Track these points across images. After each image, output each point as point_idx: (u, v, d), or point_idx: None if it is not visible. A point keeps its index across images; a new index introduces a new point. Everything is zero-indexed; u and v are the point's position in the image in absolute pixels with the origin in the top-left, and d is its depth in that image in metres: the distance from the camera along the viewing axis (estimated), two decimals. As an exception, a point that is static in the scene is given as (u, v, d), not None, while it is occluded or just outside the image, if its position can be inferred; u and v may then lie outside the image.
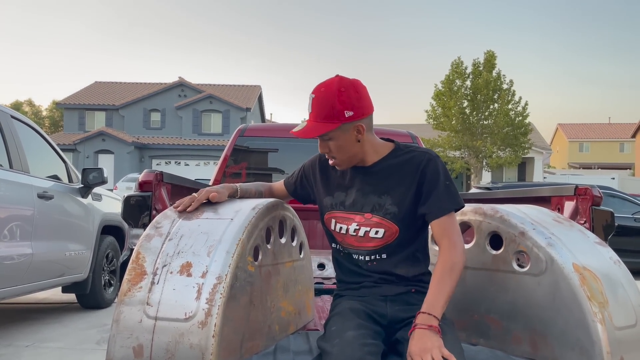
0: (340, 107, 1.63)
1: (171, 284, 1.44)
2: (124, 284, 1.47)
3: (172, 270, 1.45)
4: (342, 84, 1.66)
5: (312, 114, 1.67)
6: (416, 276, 1.71)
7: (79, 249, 4.67)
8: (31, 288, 4.11)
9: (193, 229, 1.55)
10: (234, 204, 1.71)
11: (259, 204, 1.66)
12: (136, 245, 1.52)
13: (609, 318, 1.53)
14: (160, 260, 1.47)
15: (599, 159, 46.06)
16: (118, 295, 1.48)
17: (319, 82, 1.71)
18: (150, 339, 1.42)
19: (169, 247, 1.50)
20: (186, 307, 1.42)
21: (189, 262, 1.45)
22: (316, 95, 1.66)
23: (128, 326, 1.44)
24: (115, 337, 1.44)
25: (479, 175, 25.76)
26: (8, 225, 3.71)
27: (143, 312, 1.44)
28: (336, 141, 1.67)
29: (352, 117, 1.64)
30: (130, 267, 1.48)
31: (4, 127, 3.97)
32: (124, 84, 35.83)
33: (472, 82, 24.74)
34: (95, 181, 4.82)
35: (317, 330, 2.07)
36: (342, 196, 1.77)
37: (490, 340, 1.84)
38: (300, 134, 1.68)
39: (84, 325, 4.56)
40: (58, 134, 32.87)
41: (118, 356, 1.43)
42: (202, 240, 1.50)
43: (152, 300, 1.44)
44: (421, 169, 1.67)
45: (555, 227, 1.75)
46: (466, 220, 1.95)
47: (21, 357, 3.64)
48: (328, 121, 1.64)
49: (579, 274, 1.57)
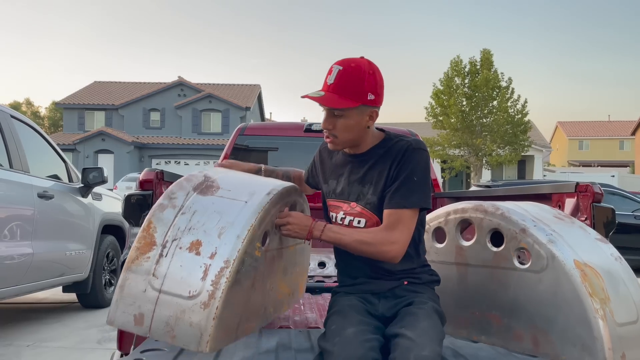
0: (367, 88, 1.62)
1: (179, 260, 1.45)
2: (132, 252, 1.48)
3: (181, 245, 1.46)
4: (371, 66, 1.65)
5: (334, 85, 1.63)
6: (406, 270, 1.70)
7: (79, 249, 4.67)
8: (32, 288, 4.11)
9: (207, 206, 1.53)
10: (251, 183, 1.68)
11: (274, 188, 1.64)
12: (148, 214, 1.52)
13: (610, 314, 1.53)
14: (171, 233, 1.48)
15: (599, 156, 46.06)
16: (125, 262, 1.49)
17: (345, 58, 1.68)
18: (152, 310, 1.45)
19: (181, 221, 1.50)
20: (191, 286, 1.43)
21: (199, 241, 1.46)
22: (344, 68, 1.63)
23: (132, 294, 1.47)
24: (118, 302, 1.48)
25: (479, 173, 25.76)
26: (8, 225, 3.71)
27: (148, 283, 1.46)
28: (348, 120, 1.65)
29: (372, 101, 1.64)
30: (140, 236, 1.49)
31: (4, 127, 3.96)
32: (124, 83, 35.80)
33: (470, 80, 24.73)
34: (96, 181, 4.82)
35: (319, 328, 2.08)
36: (334, 184, 1.79)
37: (492, 337, 1.84)
38: (321, 100, 1.64)
39: (85, 324, 4.56)
40: (58, 134, 32.85)
41: (119, 321, 1.48)
42: (215, 219, 1.50)
43: (159, 272, 1.46)
44: (400, 156, 1.65)
45: (556, 223, 1.75)
46: (467, 218, 1.95)
47: (22, 356, 3.64)
48: (350, 98, 1.62)
49: (580, 270, 1.57)
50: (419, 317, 1.53)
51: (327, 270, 3.28)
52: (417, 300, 1.63)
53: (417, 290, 1.67)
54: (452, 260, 1.99)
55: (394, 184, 1.63)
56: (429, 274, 1.75)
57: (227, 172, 1.77)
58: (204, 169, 1.76)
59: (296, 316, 2.33)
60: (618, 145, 48.38)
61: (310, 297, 2.75)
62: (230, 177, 1.71)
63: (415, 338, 1.42)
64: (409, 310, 1.59)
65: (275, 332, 1.99)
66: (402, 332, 1.47)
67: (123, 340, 2.21)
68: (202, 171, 1.71)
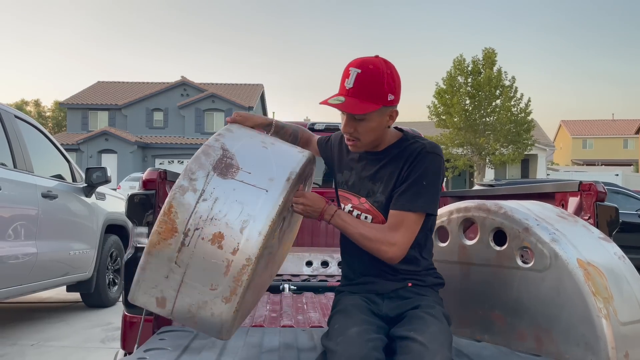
0: (386, 89, 1.59)
1: (201, 251, 1.46)
2: (154, 235, 1.48)
3: (203, 236, 1.46)
4: (388, 65, 1.62)
5: (354, 89, 1.60)
6: (411, 271, 1.69)
7: (83, 248, 4.68)
8: (36, 287, 4.13)
9: (228, 194, 1.50)
10: (270, 161, 1.62)
11: (292, 171, 1.59)
12: (169, 195, 1.49)
13: (613, 313, 1.52)
14: (193, 221, 1.47)
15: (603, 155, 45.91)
16: (147, 244, 1.48)
17: (358, 58, 1.64)
18: (175, 296, 1.50)
19: (203, 208, 1.48)
20: (213, 279, 1.46)
21: (221, 234, 1.46)
22: (363, 71, 1.59)
23: (154, 278, 1.50)
24: (140, 282, 1.51)
25: (482, 172, 25.72)
26: (13, 225, 3.72)
27: (170, 269, 1.48)
28: (370, 123, 1.63)
29: (392, 101, 1.62)
30: (162, 219, 1.47)
31: (8, 127, 3.98)
32: (127, 83, 35.87)
33: (473, 79, 24.69)
34: (99, 180, 4.83)
35: (321, 327, 2.08)
36: (347, 175, 1.78)
37: (495, 336, 1.84)
38: (343, 107, 1.61)
39: (89, 324, 4.58)
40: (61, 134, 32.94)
41: (141, 300, 1.53)
42: (237, 211, 1.48)
43: (181, 261, 1.47)
44: (412, 157, 1.64)
45: (560, 222, 1.75)
46: (470, 217, 1.95)
47: (26, 356, 3.66)
48: (371, 101, 1.59)
49: (583, 269, 1.57)
50: (427, 321, 1.52)
51: (330, 270, 3.28)
52: (424, 304, 1.61)
53: (421, 292, 1.66)
54: (455, 259, 1.99)
55: (402, 185, 1.63)
56: (433, 277, 1.73)
57: (242, 137, 1.70)
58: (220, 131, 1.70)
59: (299, 315, 2.33)
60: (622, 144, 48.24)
61: (313, 297, 2.75)
62: (248, 149, 1.65)
63: (426, 343, 1.41)
64: (417, 313, 1.57)
65: (278, 331, 2.00)
66: (412, 335, 1.46)
67: (127, 339, 2.22)
68: (219, 138, 1.65)
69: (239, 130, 1.75)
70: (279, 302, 2.60)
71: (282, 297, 2.72)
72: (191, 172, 1.54)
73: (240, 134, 1.72)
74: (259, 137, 1.74)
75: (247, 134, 1.74)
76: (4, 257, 3.60)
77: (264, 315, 2.31)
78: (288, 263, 3.32)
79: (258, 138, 1.73)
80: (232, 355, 1.63)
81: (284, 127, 1.92)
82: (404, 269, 1.67)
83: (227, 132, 1.70)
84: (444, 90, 24.91)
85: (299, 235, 3.96)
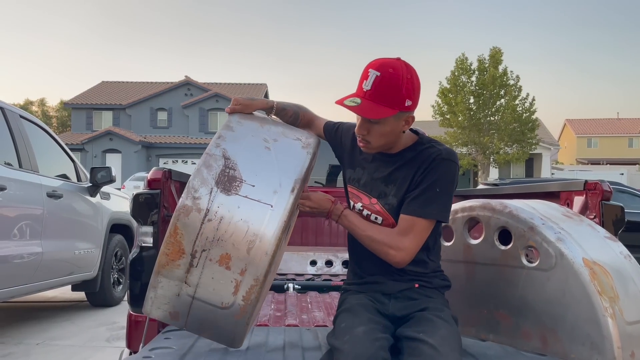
0: (405, 95, 1.56)
1: (210, 272, 1.48)
2: (162, 257, 1.48)
3: (211, 257, 1.47)
4: (409, 70, 1.58)
5: (371, 92, 1.56)
6: (418, 273, 1.68)
7: (88, 248, 4.70)
8: (41, 286, 4.14)
9: (233, 212, 1.49)
10: (273, 167, 1.58)
11: (297, 178, 1.57)
12: (173, 216, 1.48)
13: (619, 313, 1.52)
14: (199, 242, 1.47)
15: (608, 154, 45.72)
16: (156, 264, 1.50)
17: (378, 59, 1.60)
18: (187, 311, 1.54)
19: (208, 229, 1.47)
20: (223, 298, 1.49)
21: (229, 255, 1.46)
22: (382, 74, 1.55)
23: (166, 295, 1.53)
24: (153, 300, 1.54)
25: (486, 171, 25.66)
26: (18, 224, 3.74)
27: (181, 289, 1.51)
28: (384, 127, 1.59)
29: (410, 107, 1.58)
30: (168, 241, 1.48)
31: (13, 127, 3.99)
32: (131, 83, 35.95)
33: (477, 78, 24.63)
34: (104, 180, 4.84)
35: (326, 327, 2.08)
36: (359, 173, 1.76)
37: (500, 335, 1.83)
38: (358, 111, 1.57)
39: (94, 323, 4.59)
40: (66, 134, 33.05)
41: (155, 314, 1.57)
42: (243, 230, 1.47)
43: (191, 281, 1.49)
44: (427, 163, 1.62)
45: (565, 222, 1.74)
46: (475, 216, 1.94)
47: (31, 355, 3.67)
48: (388, 105, 1.56)
49: (589, 268, 1.56)
50: (437, 323, 1.51)
51: (334, 269, 3.28)
52: (432, 306, 1.61)
53: (428, 294, 1.65)
54: (460, 258, 1.99)
55: (415, 190, 1.62)
56: (440, 279, 1.72)
57: (244, 136, 1.66)
58: (221, 131, 1.66)
59: (304, 314, 2.34)
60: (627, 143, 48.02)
61: (317, 296, 2.75)
62: (250, 153, 1.61)
63: (437, 346, 1.40)
64: (425, 315, 1.57)
65: (282, 330, 2.00)
66: (422, 337, 1.45)
67: (132, 338, 2.23)
68: (219, 142, 1.61)
69: (240, 127, 1.71)
70: (283, 301, 2.60)
71: (286, 296, 2.72)
72: (194, 189, 1.52)
73: (242, 132, 1.69)
74: (261, 134, 1.70)
75: (248, 131, 1.70)
76: (9, 256, 3.61)
77: (269, 315, 2.31)
78: (292, 262, 3.32)
79: (260, 135, 1.69)
80: (237, 354, 1.64)
81: (285, 109, 1.87)
82: (411, 270, 1.67)
83: (227, 132, 1.67)
84: (448, 90, 24.86)
85: (304, 234, 3.99)
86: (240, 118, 1.76)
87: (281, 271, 3.25)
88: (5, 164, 3.76)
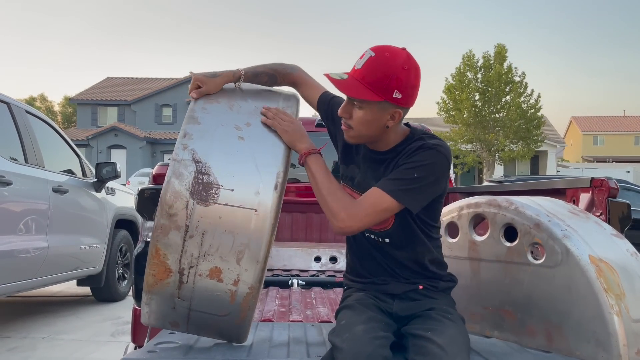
0: (394, 84, 1.45)
1: (202, 286, 1.43)
2: (149, 277, 1.43)
3: (200, 272, 1.41)
4: (409, 62, 1.47)
5: (361, 71, 1.47)
6: (424, 275, 1.65)
7: (93, 243, 4.72)
8: (46, 281, 4.17)
9: (215, 225, 1.39)
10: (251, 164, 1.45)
11: (279, 172, 1.45)
12: (152, 237, 1.41)
13: (625, 310, 1.51)
14: (185, 260, 1.40)
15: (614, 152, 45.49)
16: (144, 285, 1.45)
17: (384, 44, 1.50)
18: (186, 321, 1.52)
19: (192, 246, 1.39)
20: (221, 308, 1.47)
21: (218, 268, 1.40)
22: (377, 56, 1.46)
23: (161, 310, 1.50)
24: (150, 314, 1.51)
25: (491, 168, 25.60)
26: (24, 219, 3.75)
27: (175, 303, 1.47)
28: (366, 113, 1.49)
29: (398, 100, 1.47)
30: (152, 262, 1.42)
31: (19, 122, 4.01)
32: (136, 79, 36.04)
33: (483, 75, 24.56)
34: (109, 175, 4.86)
35: (330, 322, 2.08)
36: (353, 171, 1.68)
37: (505, 332, 1.83)
38: (339, 85, 1.48)
39: (99, 317, 4.62)
40: (71, 130, 33.17)
41: (155, 324, 1.56)
42: (229, 242, 1.39)
43: (184, 295, 1.45)
44: (410, 151, 1.52)
45: (571, 218, 1.73)
46: (480, 212, 1.94)
47: (37, 349, 3.70)
48: (374, 89, 1.45)
49: (595, 265, 1.55)
50: (445, 323, 1.49)
51: (339, 265, 3.28)
52: (438, 307, 1.58)
53: (432, 296, 1.63)
54: (465, 255, 1.98)
55: (392, 169, 1.53)
56: (445, 280, 1.69)
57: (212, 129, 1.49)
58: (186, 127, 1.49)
59: (308, 310, 2.34)
60: (633, 141, 47.76)
61: (321, 292, 2.75)
62: (223, 149, 1.46)
63: (445, 347, 1.38)
64: (432, 314, 1.54)
65: (287, 325, 2.00)
66: (430, 336, 1.43)
67: (137, 333, 2.24)
68: (187, 143, 1.45)
69: (206, 116, 1.53)
70: (287, 297, 2.61)
71: (290, 292, 2.72)
72: (168, 206, 1.39)
73: (209, 122, 1.51)
74: (231, 119, 1.53)
75: (216, 119, 1.52)
76: (15, 251, 3.63)
77: (273, 310, 2.31)
78: (297, 258, 3.32)
79: (230, 122, 1.52)
80: (242, 349, 1.64)
81: (258, 75, 1.70)
82: (415, 272, 1.64)
83: (193, 126, 1.49)
84: (453, 86, 24.80)
85: (308, 230, 3.98)
86: (206, 103, 1.57)
87: (285, 267, 3.25)
88: (11, 159, 3.78)
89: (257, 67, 1.72)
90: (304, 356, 1.59)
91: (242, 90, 1.66)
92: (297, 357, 1.58)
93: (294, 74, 1.77)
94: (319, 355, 1.55)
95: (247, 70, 1.69)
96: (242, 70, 1.68)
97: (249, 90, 1.68)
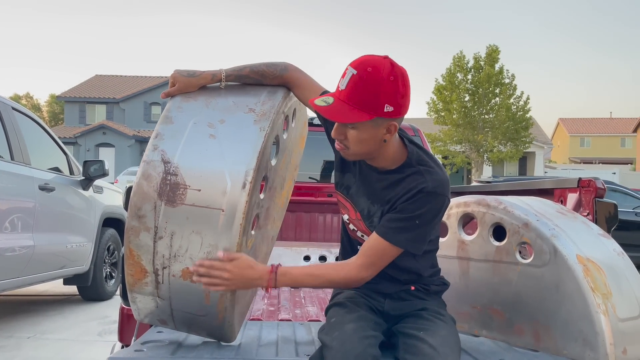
0: (383, 99, 1.37)
1: (177, 286, 1.46)
2: (128, 277, 1.47)
3: (174, 273, 1.43)
4: (393, 71, 1.38)
5: (346, 92, 1.39)
6: (415, 279, 1.64)
7: (80, 241, 4.67)
8: (32, 280, 4.12)
9: (183, 225, 1.38)
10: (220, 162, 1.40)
11: (248, 169, 1.39)
12: (124, 238, 1.44)
13: (612, 309, 1.52)
14: (158, 261, 1.42)
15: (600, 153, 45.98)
16: (127, 283, 1.49)
17: (362, 56, 1.42)
18: (172, 318, 1.55)
19: (162, 247, 1.41)
20: (198, 308, 1.48)
21: (189, 269, 1.42)
22: (359, 74, 1.37)
23: (146, 308, 1.53)
24: (139, 311, 1.55)
25: (480, 169, 25.77)
26: (9, 217, 3.71)
27: (156, 302, 1.50)
28: (360, 133, 1.42)
29: (390, 113, 1.39)
30: (129, 262, 1.45)
31: (5, 119, 3.96)
32: (125, 77, 35.78)
33: (473, 76, 24.70)
34: (97, 174, 4.82)
35: (319, 321, 2.07)
36: (349, 180, 1.64)
37: (493, 331, 1.84)
38: (326, 114, 1.41)
39: (85, 317, 4.57)
40: (59, 127, 32.87)
41: (146, 321, 1.60)
42: (197, 243, 1.38)
43: (162, 294, 1.48)
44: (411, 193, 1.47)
45: (559, 218, 1.74)
46: (469, 212, 1.94)
47: (22, 348, 3.65)
48: (362, 109, 1.38)
49: (582, 265, 1.56)
50: (437, 324, 1.50)
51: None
52: (430, 307, 1.58)
53: (424, 297, 1.63)
54: (454, 254, 1.99)
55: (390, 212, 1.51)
56: (437, 284, 1.69)
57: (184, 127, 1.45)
58: (158, 127, 1.45)
59: (297, 309, 2.33)
60: (619, 143, 48.31)
61: (311, 291, 2.75)
62: (192, 148, 1.42)
63: (437, 347, 1.38)
64: (424, 314, 1.55)
65: (276, 324, 1.99)
66: (422, 336, 1.43)
67: (124, 332, 2.22)
68: (157, 144, 1.42)
69: (180, 114, 1.49)
70: (276, 296, 2.60)
71: (279, 291, 2.71)
72: (137, 208, 1.39)
73: (182, 121, 1.47)
74: (206, 117, 1.48)
75: (190, 117, 1.48)
76: (0, 249, 3.59)
77: (262, 309, 2.30)
78: (286, 257, 3.31)
79: (204, 119, 1.47)
80: (230, 348, 1.63)
81: (241, 79, 1.61)
82: (406, 278, 1.63)
83: (166, 126, 1.46)
84: (443, 87, 24.92)
85: (297, 230, 3.98)
86: (182, 101, 1.54)
87: (274, 266, 3.24)
88: (-3, 156, 3.73)
89: (241, 70, 1.63)
90: (293, 355, 1.59)
91: (224, 86, 1.62)
92: (286, 356, 1.57)
93: (284, 76, 1.66)
94: (307, 354, 1.55)
95: (230, 73, 1.62)
96: (223, 72, 1.61)
97: (234, 85, 1.63)
